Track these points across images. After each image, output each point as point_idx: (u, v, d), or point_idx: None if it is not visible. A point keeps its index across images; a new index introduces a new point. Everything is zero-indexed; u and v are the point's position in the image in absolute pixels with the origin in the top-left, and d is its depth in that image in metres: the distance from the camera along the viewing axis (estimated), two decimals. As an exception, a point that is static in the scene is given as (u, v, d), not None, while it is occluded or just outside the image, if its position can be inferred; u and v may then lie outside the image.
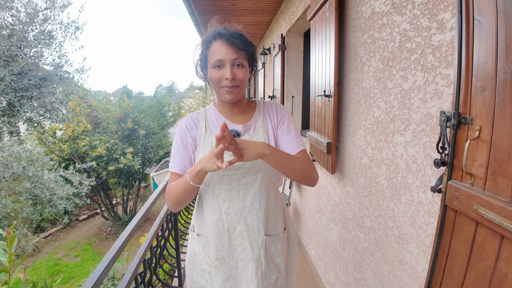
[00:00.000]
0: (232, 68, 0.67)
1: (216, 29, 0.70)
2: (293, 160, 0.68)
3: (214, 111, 0.78)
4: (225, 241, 0.75)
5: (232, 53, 0.67)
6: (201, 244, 0.79)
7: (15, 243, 0.70)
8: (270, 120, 0.78)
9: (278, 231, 0.80)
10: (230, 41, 0.67)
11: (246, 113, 0.78)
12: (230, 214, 0.74)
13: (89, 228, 7.94)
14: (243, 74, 0.69)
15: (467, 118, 0.63)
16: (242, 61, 0.69)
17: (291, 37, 2.81)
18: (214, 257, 0.75)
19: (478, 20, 0.60)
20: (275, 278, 0.78)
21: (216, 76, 0.68)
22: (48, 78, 2.98)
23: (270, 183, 0.76)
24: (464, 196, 0.63)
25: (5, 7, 2.56)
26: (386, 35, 1.01)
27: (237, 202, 0.74)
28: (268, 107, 0.80)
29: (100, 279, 0.71)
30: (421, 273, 0.87)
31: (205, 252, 0.78)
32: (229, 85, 0.68)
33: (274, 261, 0.78)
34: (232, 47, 0.67)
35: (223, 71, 0.67)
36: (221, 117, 0.77)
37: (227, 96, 0.70)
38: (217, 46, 0.67)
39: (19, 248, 4.38)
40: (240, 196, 0.74)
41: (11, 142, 3.98)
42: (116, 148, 7.23)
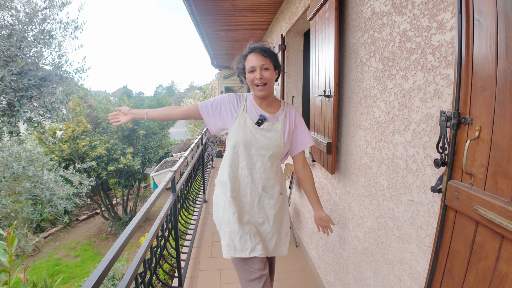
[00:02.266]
0: (261, 71, 1.01)
1: (251, 45, 1.05)
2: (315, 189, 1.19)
3: (251, 99, 1.11)
4: (237, 186, 1.08)
5: (260, 60, 1.00)
6: (221, 186, 1.11)
7: (15, 243, 0.70)
8: (289, 118, 1.12)
9: (274, 192, 1.11)
10: (258, 52, 1.02)
11: (272, 107, 1.11)
12: (243, 169, 1.07)
13: (89, 228, 7.94)
14: (269, 74, 1.02)
15: (467, 118, 0.63)
16: (268, 65, 1.02)
17: (291, 37, 2.81)
18: (229, 195, 1.07)
19: (478, 20, 0.60)
20: (262, 220, 1.11)
21: (250, 77, 1.03)
22: (48, 78, 2.98)
23: (275, 159, 1.08)
24: (464, 196, 0.63)
25: (5, 6, 2.56)
26: (386, 35, 1.01)
27: (250, 164, 1.06)
28: (289, 109, 1.14)
29: (100, 279, 0.71)
30: (421, 273, 0.87)
31: (223, 192, 1.10)
32: (259, 83, 1.01)
33: (264, 210, 1.11)
34: (260, 56, 1.01)
35: (255, 74, 1.01)
36: (255, 105, 1.09)
37: (259, 92, 1.03)
38: (251, 57, 1.02)
39: (19, 248, 4.38)
40: (253, 161, 1.06)
41: (11, 142, 3.98)
42: (116, 148, 7.23)
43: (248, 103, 1.09)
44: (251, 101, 1.10)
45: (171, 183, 1.69)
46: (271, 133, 1.06)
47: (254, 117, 1.06)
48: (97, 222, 8.24)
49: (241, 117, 1.06)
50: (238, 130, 1.04)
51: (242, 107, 1.08)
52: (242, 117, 1.06)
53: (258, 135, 1.04)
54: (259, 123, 1.03)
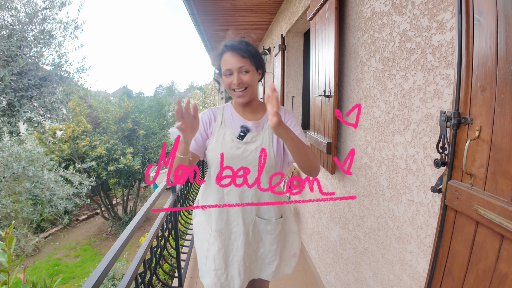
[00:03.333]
0: (239, 75, 0.82)
1: (226, 42, 0.86)
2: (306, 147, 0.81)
3: (231, 108, 0.95)
4: (224, 216, 0.90)
5: (237, 62, 0.82)
6: (205, 216, 0.96)
7: (14, 243, 0.70)
8: None
9: (270, 216, 0.94)
10: (235, 51, 0.82)
11: (257, 113, 0.93)
12: (230, 195, 0.89)
13: (89, 228, 7.94)
14: (249, 78, 0.84)
15: (467, 118, 0.63)
16: (248, 67, 0.83)
17: (291, 37, 2.81)
18: (214, 228, 0.91)
19: (478, 20, 0.60)
20: (257, 246, 0.95)
21: (227, 82, 0.85)
22: (48, 78, 2.98)
23: (267, 176, 0.89)
24: (464, 196, 0.63)
25: (5, 7, 2.56)
26: (386, 35, 1.01)
27: (236, 188, 0.89)
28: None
29: (100, 279, 0.71)
30: (421, 273, 0.87)
31: (208, 223, 0.95)
32: (237, 89, 0.84)
33: (261, 236, 0.95)
34: (237, 56, 0.82)
35: (232, 78, 0.83)
36: (236, 114, 0.93)
37: (238, 99, 0.86)
38: (226, 57, 0.83)
39: (19, 248, 4.38)
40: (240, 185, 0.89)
41: (11, 142, 3.98)
42: (116, 148, 7.23)
43: (226, 115, 0.92)
44: (230, 111, 0.93)
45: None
46: (257, 145, 0.86)
47: (236, 130, 0.89)
48: (97, 222, 8.24)
49: (218, 133, 0.89)
50: (216, 148, 0.87)
51: (219, 121, 0.90)
52: (220, 132, 0.89)
53: (241, 150, 0.85)
54: (241, 136, 0.85)
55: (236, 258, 0.91)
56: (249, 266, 0.94)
